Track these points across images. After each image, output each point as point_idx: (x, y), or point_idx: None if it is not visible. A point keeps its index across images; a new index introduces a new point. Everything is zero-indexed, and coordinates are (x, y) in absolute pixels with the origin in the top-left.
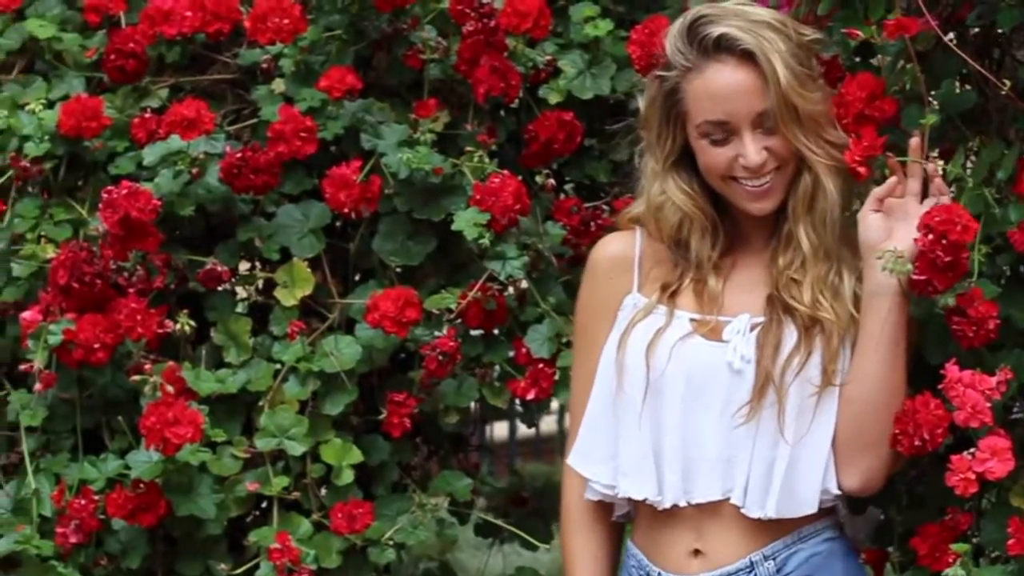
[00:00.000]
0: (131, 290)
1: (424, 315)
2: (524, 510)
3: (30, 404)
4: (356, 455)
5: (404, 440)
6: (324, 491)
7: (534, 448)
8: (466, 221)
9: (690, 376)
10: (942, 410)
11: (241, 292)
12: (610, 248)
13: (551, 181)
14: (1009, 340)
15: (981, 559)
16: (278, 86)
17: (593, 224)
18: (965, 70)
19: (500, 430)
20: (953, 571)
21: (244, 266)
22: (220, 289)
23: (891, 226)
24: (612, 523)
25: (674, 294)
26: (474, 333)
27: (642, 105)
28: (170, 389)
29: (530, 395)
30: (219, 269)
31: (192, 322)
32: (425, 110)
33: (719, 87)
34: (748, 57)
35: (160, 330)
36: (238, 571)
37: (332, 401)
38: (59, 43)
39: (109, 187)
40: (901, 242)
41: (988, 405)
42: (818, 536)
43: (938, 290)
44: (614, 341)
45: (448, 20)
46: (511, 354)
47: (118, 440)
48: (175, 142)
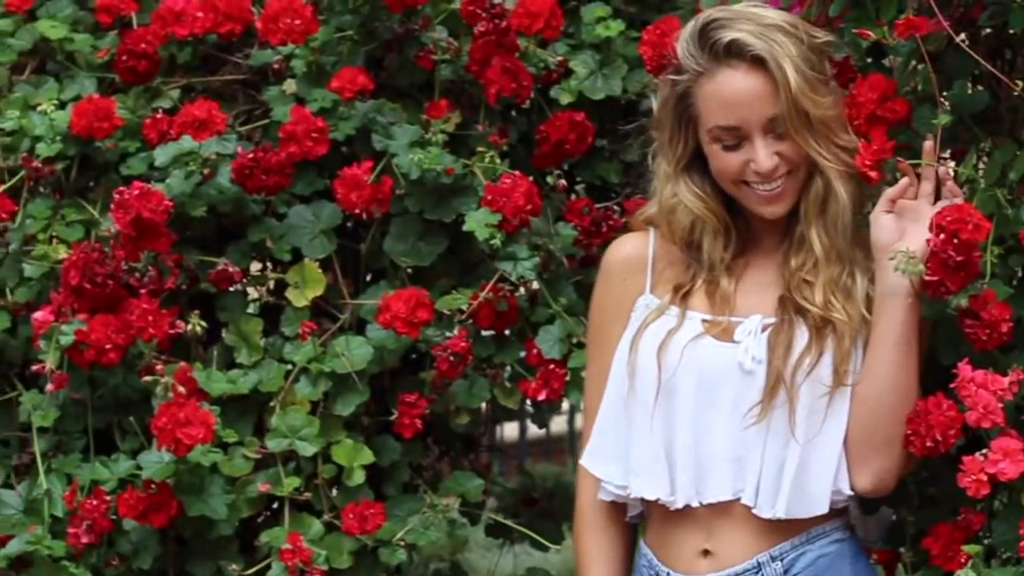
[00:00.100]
0: (143, 291)
1: (435, 316)
2: (535, 510)
3: (42, 405)
4: (367, 456)
5: (415, 441)
6: (335, 492)
7: (544, 448)
8: (477, 222)
9: (701, 377)
10: (955, 411)
11: (252, 293)
12: (624, 249)
13: (562, 182)
14: (1022, 341)
15: (992, 560)
16: (290, 87)
17: (604, 225)
18: (977, 71)
19: (510, 430)
20: (964, 572)
21: (255, 267)
22: (231, 290)
23: (903, 227)
24: (625, 524)
25: (686, 295)
26: (485, 334)
27: (655, 106)
28: (181, 390)
29: (541, 396)
30: (230, 270)
31: (203, 323)
32: (436, 111)
33: (730, 93)
34: (759, 62)
35: (172, 331)
36: (249, 572)
37: (343, 402)
38: (71, 44)
39: (121, 188)
40: (913, 243)
41: (1000, 406)
42: (827, 537)
43: (950, 291)
44: (626, 342)
45: (459, 21)
46: (522, 355)
47: (130, 441)
48: (187, 143)
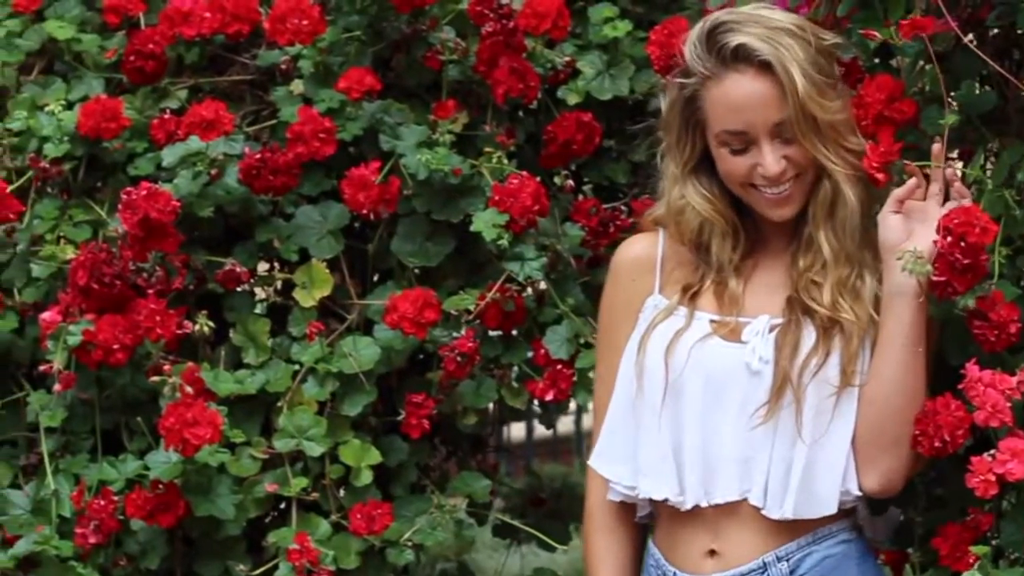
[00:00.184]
0: (150, 291)
1: (443, 316)
2: (542, 511)
3: (49, 405)
4: (375, 456)
5: (422, 441)
6: (343, 492)
7: (551, 449)
8: (485, 222)
9: (709, 377)
10: (963, 411)
11: (260, 293)
12: (633, 249)
13: (570, 182)
14: None
15: (1000, 561)
16: (297, 87)
17: (612, 225)
18: (985, 71)
19: (517, 431)
20: (972, 573)
21: (263, 267)
22: (239, 290)
23: (911, 228)
24: (635, 524)
25: (695, 295)
26: (492, 334)
27: (663, 106)
28: (189, 390)
29: (548, 396)
30: (238, 270)
31: (211, 323)
32: (444, 111)
33: (737, 97)
34: (766, 67)
35: (179, 331)
36: (257, 572)
37: (351, 402)
38: (78, 44)
39: (128, 188)
40: (921, 243)
41: (1008, 405)
42: (833, 538)
43: (957, 291)
44: (634, 343)
45: (467, 21)
46: (529, 355)
47: (137, 441)
48: (194, 143)
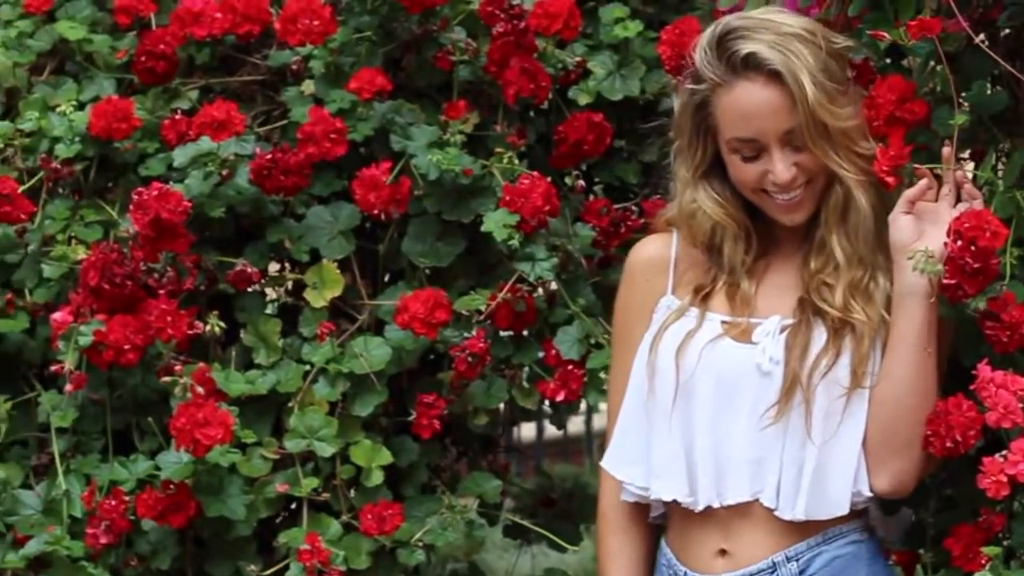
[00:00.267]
0: (161, 291)
1: (454, 316)
2: (553, 511)
3: (60, 405)
4: (385, 456)
5: (433, 441)
6: (353, 492)
7: (561, 449)
8: (496, 222)
9: (720, 378)
10: (974, 412)
11: (271, 293)
12: (647, 250)
13: (581, 182)
14: None
15: (1012, 562)
16: (308, 87)
17: (623, 225)
18: (996, 71)
19: (527, 431)
20: (983, 574)
21: (274, 267)
22: (250, 290)
23: (922, 228)
24: (648, 524)
25: (707, 296)
26: (503, 334)
27: (676, 106)
28: (200, 390)
29: (559, 396)
30: (249, 270)
31: (222, 323)
32: (455, 111)
33: (747, 106)
34: (776, 75)
35: (190, 331)
36: (268, 572)
37: (362, 402)
38: (89, 45)
39: (139, 188)
40: (932, 244)
41: (1020, 406)
42: (843, 538)
43: (968, 294)
44: (647, 343)
45: (478, 21)
46: (540, 355)
47: (148, 441)
48: (205, 143)
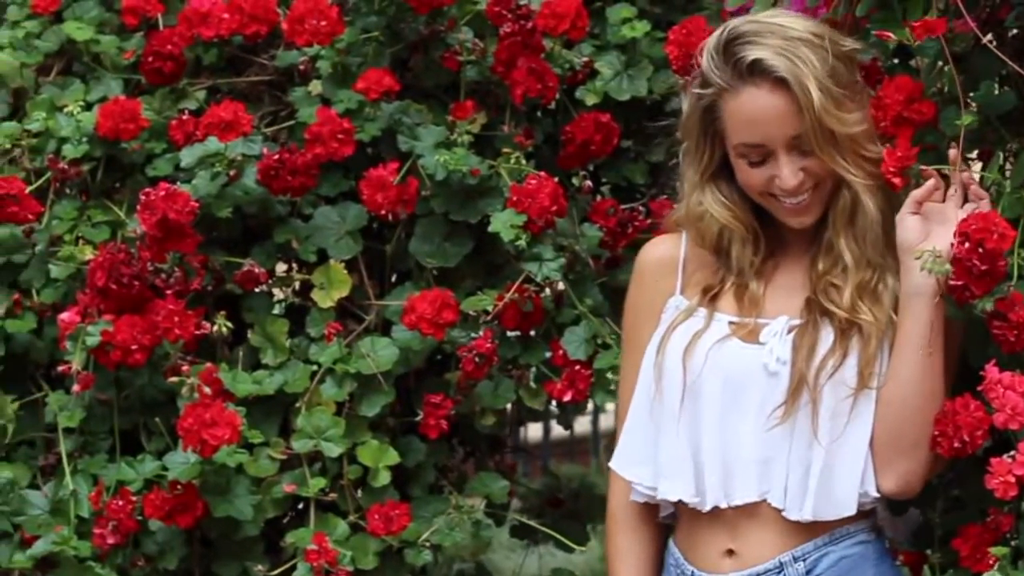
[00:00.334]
0: (168, 291)
1: (461, 317)
2: (559, 511)
3: (68, 405)
4: (393, 456)
5: (440, 442)
6: (361, 492)
7: (568, 449)
8: (503, 223)
9: (727, 378)
10: (982, 412)
11: (278, 294)
12: (657, 250)
13: (588, 183)
14: None
15: (1020, 562)
16: (315, 88)
17: (630, 226)
18: (1004, 71)
19: (534, 431)
20: (992, 575)
21: (281, 268)
22: (257, 291)
23: (929, 229)
24: (657, 524)
25: (715, 297)
26: (511, 335)
27: (684, 107)
28: (207, 390)
29: (567, 397)
30: (256, 271)
31: (229, 323)
32: (462, 112)
33: (753, 112)
34: (783, 82)
35: (197, 331)
36: (275, 572)
37: (369, 403)
38: (97, 45)
39: (147, 189)
40: (939, 244)
41: None
42: (851, 538)
43: (975, 295)
44: (654, 344)
45: (485, 22)
46: (548, 356)
47: (155, 441)
48: (212, 144)
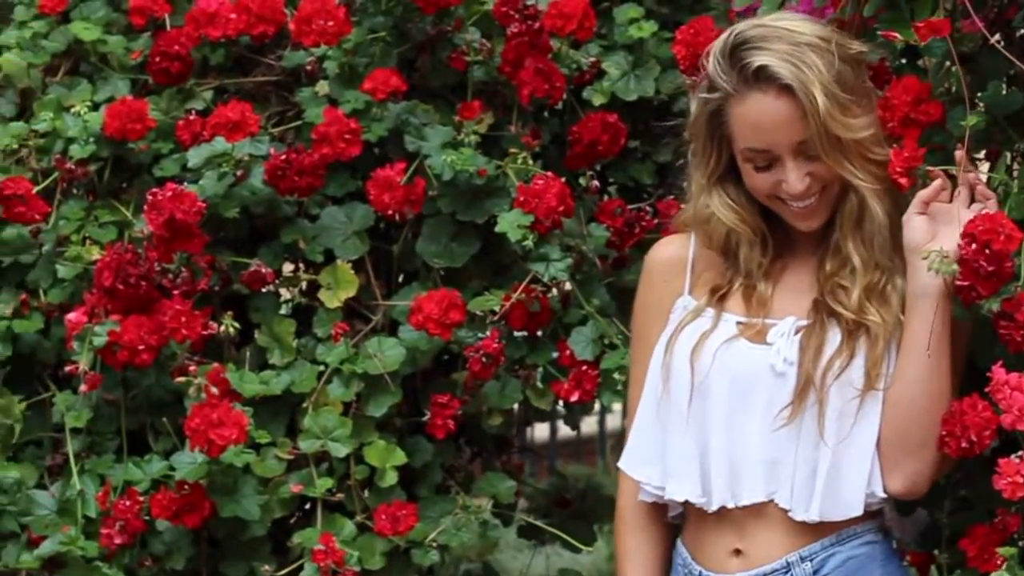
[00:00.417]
0: (176, 292)
1: (468, 317)
2: (567, 512)
3: (75, 405)
4: (400, 457)
5: (447, 442)
6: (368, 493)
7: (575, 449)
8: (510, 223)
9: (734, 379)
10: (990, 412)
11: (285, 294)
12: (666, 250)
13: (595, 183)
14: None
15: None
16: (322, 88)
17: (637, 226)
18: (1012, 72)
19: (541, 431)
20: (999, 575)
21: (288, 268)
22: (264, 291)
23: (936, 229)
24: (666, 523)
25: (723, 297)
26: (518, 335)
27: (692, 108)
28: (214, 391)
29: (574, 397)
30: (263, 271)
31: (236, 324)
32: (469, 112)
33: (759, 118)
34: (789, 88)
35: (204, 332)
36: (282, 572)
37: (376, 403)
38: (104, 45)
39: (154, 189)
40: (946, 244)
41: None
42: (858, 539)
43: (982, 296)
44: (662, 344)
45: (492, 22)
46: (555, 356)
47: (162, 441)
48: (220, 144)
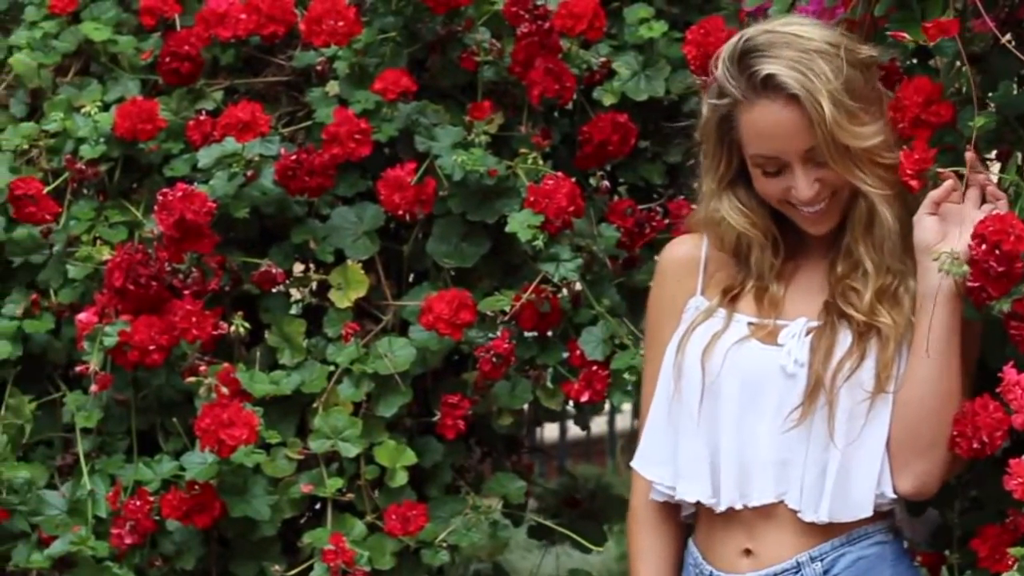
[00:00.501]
0: (186, 292)
1: (478, 317)
2: (577, 512)
3: (85, 405)
4: (410, 457)
5: (458, 442)
6: (378, 493)
7: (584, 450)
8: (520, 223)
9: (745, 380)
10: (1001, 413)
11: (295, 294)
12: (679, 250)
13: (605, 183)
14: None
15: None
16: (332, 88)
17: (647, 226)
18: (1023, 71)
19: (550, 431)
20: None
21: (298, 268)
22: (274, 291)
23: (946, 229)
24: (679, 523)
25: (735, 298)
26: (528, 335)
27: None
28: (225, 391)
29: (584, 397)
30: (273, 271)
31: (246, 324)
32: (479, 112)
33: (767, 125)
34: (796, 97)
35: (215, 332)
36: (292, 572)
37: (386, 403)
38: (114, 46)
39: (164, 189)
40: (956, 245)
41: None
42: (868, 539)
43: (992, 297)
44: (674, 344)
45: (502, 22)
46: (565, 356)
47: (173, 441)
48: (230, 144)
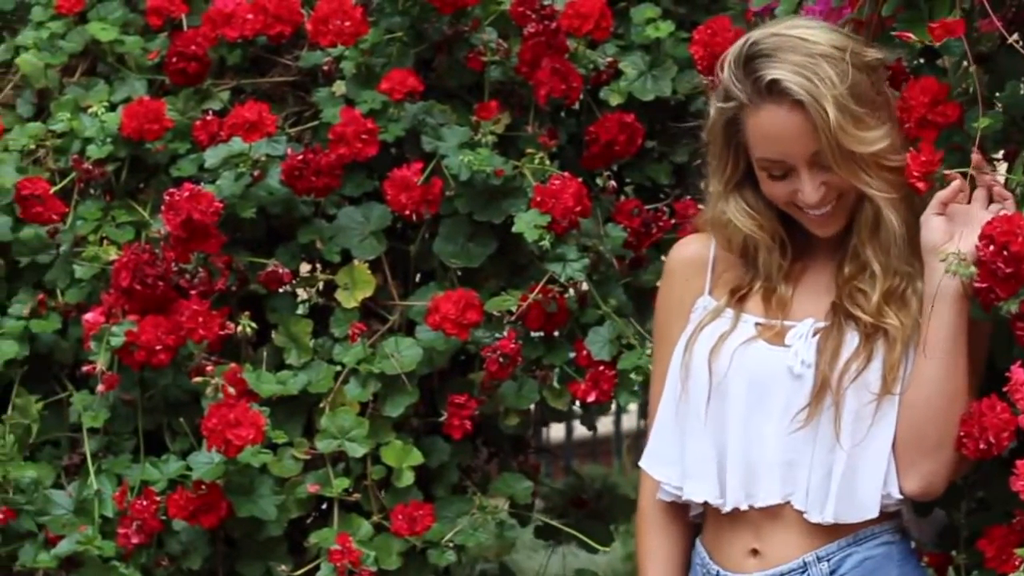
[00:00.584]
0: (193, 292)
1: (485, 317)
2: (583, 512)
3: (92, 405)
4: (416, 457)
5: (464, 442)
6: (384, 493)
7: (591, 450)
8: (527, 223)
9: (752, 380)
10: (1008, 413)
11: (302, 294)
12: (687, 250)
13: (612, 183)
14: None
15: None
16: (339, 88)
17: (654, 226)
18: None
19: (556, 431)
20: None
21: (305, 268)
22: (281, 291)
23: (953, 230)
24: (687, 522)
25: (743, 298)
26: (534, 335)
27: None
28: (231, 391)
29: (591, 397)
30: (280, 271)
31: (253, 324)
32: (486, 112)
33: (773, 129)
34: (802, 102)
35: (221, 332)
36: (298, 572)
37: (393, 403)
38: (121, 46)
39: (171, 189)
40: (963, 246)
41: None
42: (875, 539)
43: (1000, 297)
44: (682, 344)
45: (509, 22)
46: (571, 356)
47: (179, 441)
48: (237, 144)
